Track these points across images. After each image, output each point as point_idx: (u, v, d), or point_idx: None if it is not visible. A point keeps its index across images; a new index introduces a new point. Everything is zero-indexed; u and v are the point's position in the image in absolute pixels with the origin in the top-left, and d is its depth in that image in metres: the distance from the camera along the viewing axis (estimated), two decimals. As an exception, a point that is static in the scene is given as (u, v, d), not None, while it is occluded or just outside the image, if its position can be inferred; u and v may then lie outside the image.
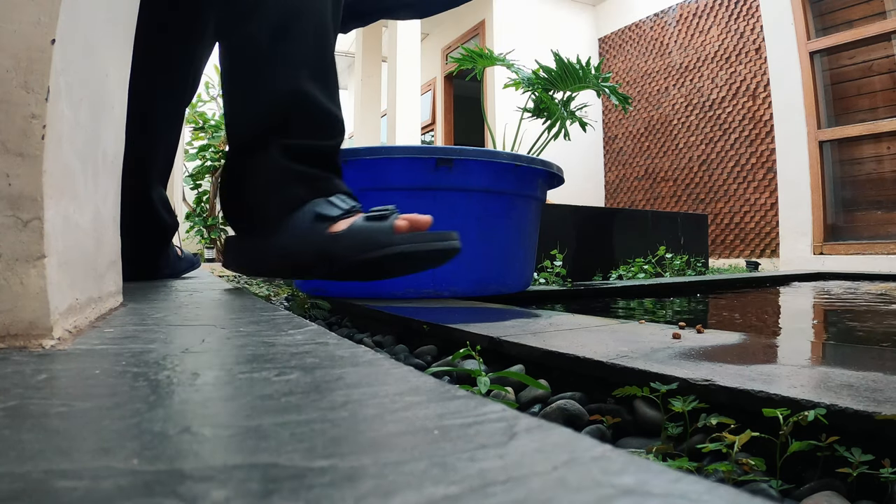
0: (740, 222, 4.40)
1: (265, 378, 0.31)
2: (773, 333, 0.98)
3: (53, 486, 0.17)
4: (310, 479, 0.17)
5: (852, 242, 3.58)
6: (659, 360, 0.53)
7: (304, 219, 0.77)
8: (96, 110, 0.53)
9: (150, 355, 0.37)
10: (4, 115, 0.38)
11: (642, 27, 5.24)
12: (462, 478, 0.17)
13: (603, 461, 0.19)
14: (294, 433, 0.22)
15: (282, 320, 0.56)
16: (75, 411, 0.25)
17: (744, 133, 4.37)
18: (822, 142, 3.69)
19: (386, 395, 0.27)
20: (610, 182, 5.57)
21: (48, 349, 0.37)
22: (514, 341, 0.65)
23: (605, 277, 2.27)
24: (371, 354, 0.37)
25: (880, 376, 0.44)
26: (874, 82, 3.53)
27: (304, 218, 0.77)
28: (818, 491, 0.35)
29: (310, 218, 0.77)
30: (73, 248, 0.45)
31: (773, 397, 0.40)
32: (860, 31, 3.50)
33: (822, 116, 3.71)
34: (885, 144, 3.49)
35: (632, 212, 3.32)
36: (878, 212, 3.53)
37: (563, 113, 2.04)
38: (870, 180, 3.57)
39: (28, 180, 0.38)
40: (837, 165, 3.71)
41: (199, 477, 0.17)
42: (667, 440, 0.43)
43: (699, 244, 2.88)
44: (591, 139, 5.27)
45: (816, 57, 3.73)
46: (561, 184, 1.41)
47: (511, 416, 0.24)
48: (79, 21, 0.45)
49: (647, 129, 5.16)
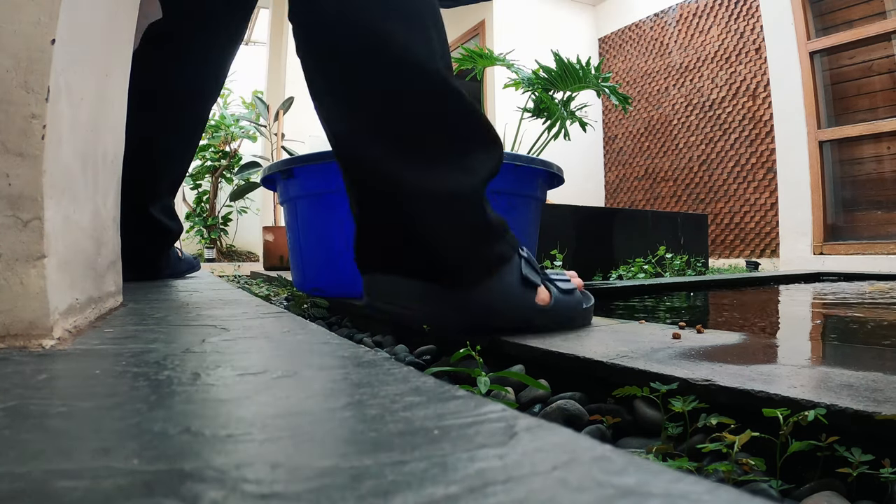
0: (740, 222, 4.40)
1: (267, 378, 0.31)
2: (773, 333, 0.98)
3: (53, 486, 0.17)
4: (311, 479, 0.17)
5: (852, 242, 3.58)
6: (659, 360, 0.53)
7: (514, 282, 0.68)
8: (96, 110, 0.53)
9: (151, 355, 0.37)
10: (4, 115, 0.38)
11: (642, 27, 5.24)
12: (462, 478, 0.17)
13: (603, 461, 0.19)
14: (295, 433, 0.22)
15: (285, 321, 0.56)
16: (75, 411, 0.25)
17: (744, 133, 4.37)
18: (822, 142, 3.69)
19: (386, 395, 0.27)
20: (610, 182, 5.57)
21: (48, 349, 0.37)
22: (514, 341, 0.65)
23: (605, 277, 2.27)
24: (371, 354, 0.37)
25: (880, 376, 0.44)
26: (874, 82, 3.53)
27: (513, 282, 0.68)
28: (818, 491, 0.35)
29: (519, 282, 0.68)
30: (73, 248, 0.45)
31: (773, 397, 0.40)
32: (860, 31, 3.49)
33: (822, 116, 3.71)
34: (885, 144, 3.49)
35: (632, 212, 3.32)
36: (878, 212, 3.53)
37: (563, 113, 2.05)
38: (870, 180, 3.57)
39: (28, 180, 0.38)
40: (837, 165, 3.71)
41: (200, 477, 0.17)
42: (667, 440, 0.43)
43: (699, 244, 2.88)
44: (591, 139, 5.27)
45: (816, 57, 3.73)
46: (561, 184, 1.41)
47: (511, 416, 0.24)
48: (79, 21, 0.45)
49: (647, 129, 5.16)
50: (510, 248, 0.69)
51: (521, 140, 2.69)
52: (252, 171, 4.08)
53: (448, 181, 0.65)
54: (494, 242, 0.68)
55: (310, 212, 1.28)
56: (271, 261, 3.39)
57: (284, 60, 4.93)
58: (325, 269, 1.26)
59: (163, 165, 1.18)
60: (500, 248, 0.68)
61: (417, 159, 0.65)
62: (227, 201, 5.36)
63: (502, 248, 0.68)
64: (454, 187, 0.65)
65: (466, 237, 0.66)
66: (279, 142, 4.14)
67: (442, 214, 0.65)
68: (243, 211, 5.64)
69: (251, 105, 5.29)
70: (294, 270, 1.41)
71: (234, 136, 5.49)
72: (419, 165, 0.65)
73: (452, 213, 0.65)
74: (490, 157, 0.70)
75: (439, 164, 0.65)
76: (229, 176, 5.57)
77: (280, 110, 4.28)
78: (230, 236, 5.92)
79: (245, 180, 4.12)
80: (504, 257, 0.68)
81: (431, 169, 0.65)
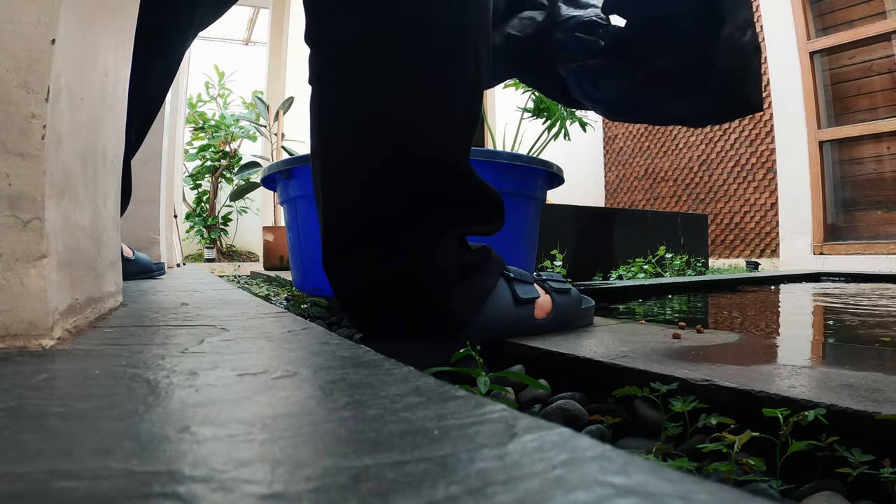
0: (740, 222, 4.40)
1: (266, 378, 0.31)
2: (773, 333, 0.98)
3: (53, 486, 0.17)
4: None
5: (852, 242, 3.58)
6: (659, 360, 0.53)
7: (507, 306, 0.67)
8: (96, 110, 0.53)
9: (150, 355, 0.37)
10: (4, 115, 0.38)
11: (642, 27, 5.24)
12: (462, 478, 0.17)
13: (603, 461, 0.19)
14: (295, 433, 0.22)
15: (285, 321, 0.56)
16: (75, 411, 0.25)
17: (744, 133, 4.37)
18: (822, 142, 3.69)
19: (386, 395, 0.27)
20: (610, 182, 5.57)
21: (48, 349, 0.37)
22: (514, 341, 0.65)
23: (605, 277, 2.27)
24: (372, 355, 0.37)
25: (880, 376, 0.44)
26: (874, 82, 3.53)
27: (505, 306, 0.67)
28: (818, 491, 0.35)
29: (511, 305, 0.67)
30: (72, 248, 0.45)
31: (773, 397, 0.40)
32: (860, 31, 3.49)
33: (822, 116, 3.71)
34: (885, 144, 3.49)
35: (632, 212, 3.32)
36: (878, 212, 3.53)
37: (563, 113, 2.04)
38: (870, 180, 3.57)
39: (28, 180, 0.38)
40: (837, 165, 3.71)
41: (199, 477, 0.17)
42: (667, 440, 0.43)
43: (699, 244, 2.88)
44: (591, 139, 5.27)
45: (816, 57, 3.73)
46: (561, 184, 1.41)
47: (511, 416, 0.23)
48: (79, 21, 0.45)
49: (647, 128, 5.16)
50: (493, 277, 0.68)
51: (521, 140, 2.69)
52: (252, 171, 4.09)
53: (424, 260, 0.62)
54: (475, 279, 0.66)
55: (309, 212, 1.28)
56: (271, 261, 3.39)
57: (284, 60, 4.93)
58: (324, 269, 1.26)
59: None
60: (481, 281, 0.67)
61: (397, 230, 0.62)
62: (227, 201, 5.36)
63: (483, 280, 0.67)
64: (427, 265, 0.63)
65: (444, 293, 0.63)
66: (279, 142, 4.14)
67: (415, 287, 0.62)
68: (243, 211, 5.64)
69: (251, 105, 5.29)
70: (294, 270, 1.41)
71: (234, 136, 5.49)
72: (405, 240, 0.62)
73: (425, 284, 0.63)
74: (483, 224, 0.68)
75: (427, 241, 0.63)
76: (229, 176, 5.57)
77: (280, 110, 4.28)
78: (230, 236, 5.92)
79: (245, 180, 4.12)
80: (487, 288, 0.67)
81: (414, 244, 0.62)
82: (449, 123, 0.62)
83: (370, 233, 0.62)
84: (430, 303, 0.63)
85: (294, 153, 3.68)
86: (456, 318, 0.64)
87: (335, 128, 0.63)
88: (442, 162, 0.62)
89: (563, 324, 0.72)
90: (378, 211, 0.62)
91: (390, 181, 0.61)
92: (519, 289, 0.69)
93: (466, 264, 0.66)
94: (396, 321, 0.65)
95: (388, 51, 0.60)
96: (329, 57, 0.62)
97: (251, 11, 6.37)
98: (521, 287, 0.69)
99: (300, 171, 1.26)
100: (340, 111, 0.62)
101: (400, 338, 0.65)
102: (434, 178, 0.62)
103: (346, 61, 0.61)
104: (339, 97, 0.62)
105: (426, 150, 0.61)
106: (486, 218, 0.67)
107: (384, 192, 0.61)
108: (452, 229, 0.64)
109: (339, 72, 0.61)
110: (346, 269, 0.64)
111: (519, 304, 0.68)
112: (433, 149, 0.61)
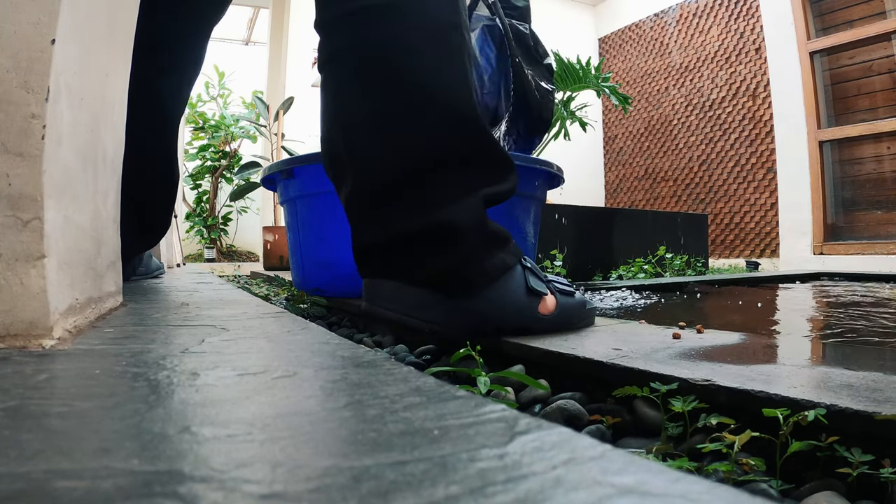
0: (740, 222, 4.41)
1: (266, 378, 0.31)
2: (773, 333, 0.98)
3: (53, 486, 0.17)
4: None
5: (852, 242, 3.58)
6: (659, 360, 0.53)
7: (518, 292, 0.69)
8: (96, 110, 0.53)
9: (151, 355, 0.37)
10: (4, 115, 0.38)
11: (642, 27, 5.24)
12: (462, 478, 0.17)
13: (602, 461, 0.19)
14: (295, 433, 0.22)
15: (285, 321, 0.56)
16: (75, 411, 0.25)
17: (744, 133, 4.37)
18: (822, 142, 3.69)
19: (386, 395, 0.27)
20: (610, 182, 5.57)
21: (48, 349, 0.37)
22: (514, 341, 0.65)
23: (605, 277, 2.27)
24: (371, 354, 0.37)
25: (880, 376, 0.44)
26: (874, 82, 3.53)
27: (517, 289, 0.69)
28: (818, 491, 0.35)
29: (524, 291, 0.69)
30: (72, 248, 0.45)
31: (773, 397, 0.40)
32: (860, 31, 3.50)
33: (822, 116, 3.71)
34: (885, 144, 3.49)
35: (632, 212, 3.32)
36: (878, 212, 3.53)
37: (563, 113, 2.04)
38: (870, 180, 3.57)
39: (28, 180, 0.38)
40: (837, 165, 3.71)
41: (200, 477, 0.17)
42: (667, 440, 0.43)
43: (699, 244, 2.88)
44: (591, 139, 5.26)
45: (816, 57, 3.73)
46: (561, 184, 1.41)
47: (511, 417, 0.24)
48: (79, 21, 0.45)
49: (647, 129, 5.16)
50: (513, 258, 0.70)
51: (521, 140, 2.68)
52: (252, 171, 4.08)
53: (448, 209, 0.66)
54: (497, 251, 0.69)
55: (309, 212, 1.28)
56: (271, 261, 3.39)
57: (284, 60, 4.93)
58: (324, 268, 1.26)
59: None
60: (502, 256, 0.69)
61: (426, 184, 0.67)
62: (227, 201, 5.36)
63: (504, 256, 0.69)
64: (456, 213, 0.67)
65: (468, 247, 0.67)
66: (279, 142, 4.14)
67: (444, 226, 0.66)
68: (243, 211, 5.64)
69: (251, 105, 5.28)
70: (294, 270, 1.41)
71: (234, 136, 5.49)
72: (426, 188, 0.67)
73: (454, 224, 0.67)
74: (501, 182, 0.71)
75: (449, 189, 0.67)
76: (229, 176, 5.57)
77: (280, 110, 4.28)
78: (230, 236, 5.92)
79: (245, 180, 4.12)
80: (506, 265, 0.69)
81: (436, 189, 0.67)
82: (458, 79, 0.68)
83: (398, 189, 0.66)
84: (450, 257, 0.66)
85: (294, 153, 3.68)
86: (468, 279, 0.67)
87: (356, 94, 0.68)
88: (462, 115, 0.68)
89: (564, 324, 0.73)
90: (406, 167, 0.66)
91: (414, 138, 0.66)
92: (532, 280, 0.71)
93: (491, 232, 0.69)
94: (408, 267, 0.68)
95: (399, 19, 0.66)
96: (353, 27, 0.68)
97: (251, 11, 6.37)
98: (535, 280, 0.71)
99: (300, 171, 1.26)
100: (363, 79, 0.67)
101: (410, 280, 0.69)
102: (453, 133, 0.67)
103: (372, 28, 0.67)
104: (361, 67, 0.67)
105: (443, 107, 0.67)
106: (504, 175, 0.72)
107: (410, 148, 0.66)
108: (477, 186, 0.68)
109: (360, 44, 0.67)
110: (369, 227, 0.69)
111: (529, 293, 0.70)
112: (450, 105, 0.67)
